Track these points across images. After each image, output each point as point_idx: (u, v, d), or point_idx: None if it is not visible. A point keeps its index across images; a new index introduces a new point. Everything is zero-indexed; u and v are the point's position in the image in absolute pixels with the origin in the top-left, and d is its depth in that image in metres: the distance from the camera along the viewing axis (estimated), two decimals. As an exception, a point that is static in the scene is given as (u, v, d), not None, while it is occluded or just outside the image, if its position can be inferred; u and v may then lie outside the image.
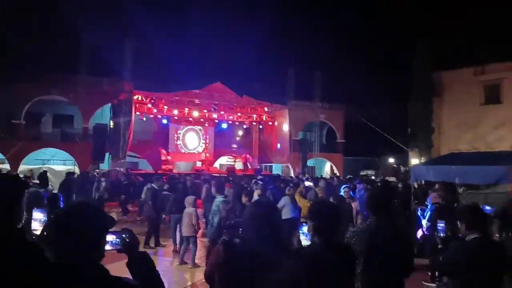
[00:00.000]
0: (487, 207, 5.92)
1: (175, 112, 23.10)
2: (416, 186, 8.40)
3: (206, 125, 25.36)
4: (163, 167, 20.05)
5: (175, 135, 24.64)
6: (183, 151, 24.85)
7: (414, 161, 23.21)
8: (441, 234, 4.91)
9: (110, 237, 1.64)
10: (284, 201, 7.66)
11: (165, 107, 22.62)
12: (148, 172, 18.19)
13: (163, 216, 8.76)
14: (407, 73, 25.82)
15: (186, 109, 23.11)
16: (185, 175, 16.70)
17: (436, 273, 5.40)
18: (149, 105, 22.10)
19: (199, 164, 22.89)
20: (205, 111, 23.76)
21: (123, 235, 1.65)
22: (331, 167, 27.83)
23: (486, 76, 24.66)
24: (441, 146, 25.21)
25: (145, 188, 10.72)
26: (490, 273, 2.78)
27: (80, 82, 19.11)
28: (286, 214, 7.10)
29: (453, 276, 2.93)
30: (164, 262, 7.52)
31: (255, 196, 7.54)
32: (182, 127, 24.87)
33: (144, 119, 22.35)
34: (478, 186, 7.45)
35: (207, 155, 24.05)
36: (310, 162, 25.42)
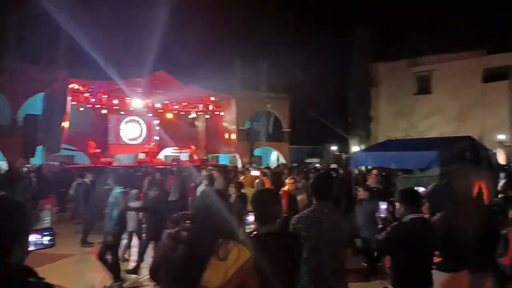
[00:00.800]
0: (421, 189, 6.35)
1: (115, 101, 21.96)
2: (356, 172, 8.78)
3: (150, 115, 24.42)
4: (102, 160, 19.00)
5: (116, 126, 23.47)
6: (124, 142, 23.80)
7: (355, 148, 24.37)
8: (382, 215, 5.18)
9: (33, 237, 1.47)
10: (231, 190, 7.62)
11: (104, 96, 21.39)
12: (85, 166, 17.14)
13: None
14: (347, 64, 26.87)
15: (127, 98, 22.06)
16: (127, 167, 16.00)
17: (375, 253, 5.69)
18: (87, 95, 20.77)
19: (142, 156, 22.04)
20: (148, 100, 22.85)
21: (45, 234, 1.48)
22: (278, 156, 28.33)
23: (418, 67, 26.48)
24: (379, 133, 26.75)
25: (74, 183, 10.02)
26: (425, 249, 2.97)
27: (6, 69, 17.34)
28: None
29: (391, 254, 3.08)
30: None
31: (202, 187, 7.41)
32: (123, 117, 23.75)
33: (81, 109, 20.97)
34: (412, 170, 7.95)
35: (151, 146, 23.21)
36: (257, 152, 25.65)
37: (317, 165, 22.30)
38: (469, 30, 23.16)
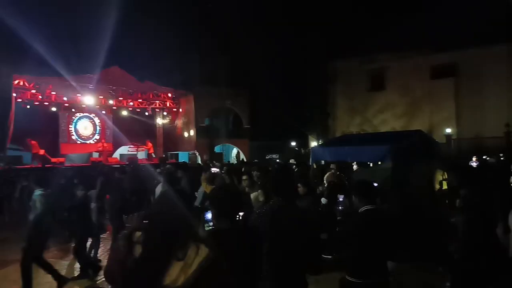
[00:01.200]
0: (375, 183, 6.57)
1: (65, 98, 20.85)
2: (314, 166, 8.93)
3: (103, 112, 23.42)
4: (52, 160, 17.98)
5: (66, 125, 22.28)
6: (76, 141, 22.67)
7: (313, 143, 24.91)
8: (340, 207, 5.29)
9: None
10: (201, 189, 7.50)
11: (53, 93, 20.23)
12: (34, 167, 16.11)
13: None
14: (305, 61, 27.34)
15: (79, 95, 21.01)
16: (80, 167, 15.23)
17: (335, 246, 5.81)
18: (34, 91, 19.54)
19: (96, 155, 21.10)
20: (101, 97, 21.90)
21: None
22: (238, 152, 28.31)
23: (372, 65, 27.52)
24: (336, 129, 27.55)
25: (18, 185, 9.40)
26: (379, 240, 3.05)
27: None
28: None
29: (347, 245, 3.14)
30: (62, 263, 6.75)
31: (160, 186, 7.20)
32: (74, 115, 22.59)
33: (28, 107, 19.69)
34: (367, 163, 8.22)
35: (105, 145, 22.31)
36: (217, 149, 25.47)
37: (278, 160, 22.54)
38: (418, 28, 24.41)
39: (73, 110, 22.28)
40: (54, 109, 21.13)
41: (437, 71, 24.24)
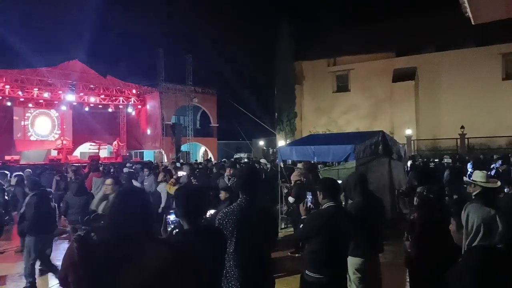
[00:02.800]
0: (339, 181, 6.72)
1: (21, 93, 19.69)
2: (282, 165, 9.00)
3: (64, 108, 22.35)
4: (6, 158, 16.97)
5: (23, 120, 21.06)
6: (33, 138, 21.46)
7: (281, 143, 25.13)
8: (309, 204, 5.36)
9: None
10: (160, 189, 7.35)
11: (7, 86, 19.07)
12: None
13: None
14: (273, 62, 27.54)
15: (36, 89, 19.92)
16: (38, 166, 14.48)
17: (301, 244, 5.89)
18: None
19: (54, 153, 20.14)
20: (60, 92, 20.89)
21: None
22: (206, 151, 28.05)
23: (337, 67, 28.20)
24: (303, 129, 27.97)
25: None
26: (340, 235, 3.12)
27: None
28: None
29: (309, 241, 3.19)
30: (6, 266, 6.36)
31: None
32: (30, 110, 21.36)
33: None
34: (333, 163, 8.40)
35: (65, 142, 21.34)
36: (184, 147, 25.10)
37: (245, 160, 22.56)
38: (381, 33, 25.27)
39: (29, 105, 21.09)
40: (8, 103, 19.92)
41: (399, 74, 25.21)
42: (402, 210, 8.02)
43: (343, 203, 4.67)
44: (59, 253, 5.96)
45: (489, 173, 5.14)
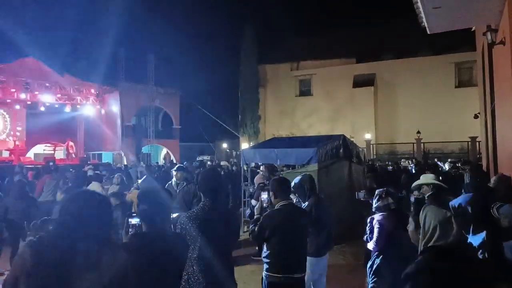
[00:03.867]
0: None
1: (-31, 90, 18.39)
2: (245, 168, 9.01)
3: (17, 107, 21.05)
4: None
5: (-30, 119, 19.67)
6: (-18, 138, 20.10)
7: (244, 145, 25.17)
8: (264, 204, 5.37)
9: None
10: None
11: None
12: None
13: None
14: (237, 65, 27.61)
15: (-15, 87, 18.67)
16: None
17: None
18: None
19: (6, 154, 18.94)
20: (13, 90, 19.66)
21: None
22: (168, 153, 27.50)
23: (300, 71, 28.73)
24: (266, 131, 28.19)
25: None
26: (295, 233, 3.17)
27: None
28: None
29: (265, 241, 3.21)
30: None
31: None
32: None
33: None
34: (295, 166, 8.52)
35: (17, 143, 20.06)
36: (145, 149, 24.45)
37: (208, 162, 22.36)
38: (342, 40, 26.07)
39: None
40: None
41: (359, 80, 26.08)
42: (362, 212, 8.28)
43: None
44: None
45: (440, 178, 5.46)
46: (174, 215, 2.99)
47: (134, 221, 2.71)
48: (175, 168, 6.17)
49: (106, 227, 1.84)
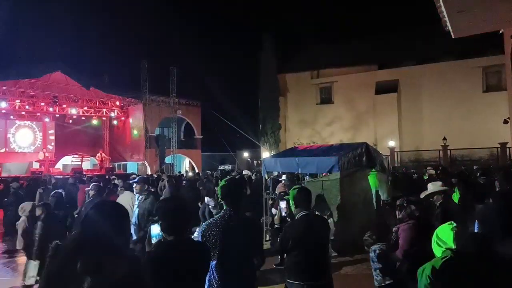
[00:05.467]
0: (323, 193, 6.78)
1: (3, 104, 19.25)
2: (266, 177, 9.00)
3: (47, 120, 21.95)
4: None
5: (4, 132, 20.60)
6: (14, 150, 21.00)
7: (265, 154, 25.15)
8: (283, 214, 5.32)
9: None
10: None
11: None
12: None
13: None
14: (257, 74, 27.76)
15: (18, 101, 19.54)
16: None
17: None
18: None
19: (36, 165, 19.67)
20: (43, 104, 20.54)
21: None
22: (190, 163, 27.83)
23: (320, 79, 28.57)
24: (287, 140, 28.08)
25: None
26: (320, 242, 3.13)
27: None
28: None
29: (288, 252, 3.18)
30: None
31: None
32: (13, 122, 20.95)
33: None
34: (317, 174, 8.43)
35: (47, 154, 20.89)
36: (168, 159, 24.86)
37: (232, 172, 22.45)
38: (363, 47, 25.84)
39: (11, 117, 20.70)
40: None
41: (381, 87, 25.68)
42: (387, 221, 8.08)
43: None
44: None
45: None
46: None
47: (156, 229, 2.75)
48: (135, 180, 5.61)
49: (127, 238, 1.87)
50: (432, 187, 4.02)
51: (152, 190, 5.84)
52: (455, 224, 2.13)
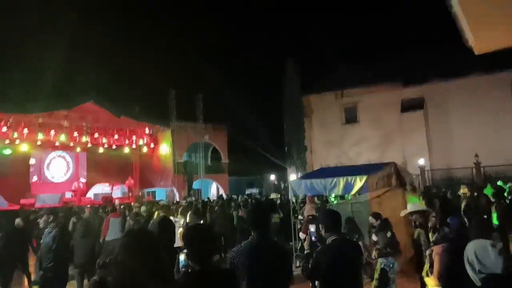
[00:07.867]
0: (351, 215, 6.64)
1: (39, 136, 20.25)
2: (294, 200, 8.92)
3: (78, 150, 22.85)
4: (22, 201, 17.19)
5: (39, 163, 21.56)
6: (49, 181, 21.86)
7: (292, 177, 24.96)
8: (313, 238, 5.23)
9: None
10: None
11: (26, 130, 19.68)
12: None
13: None
14: (281, 96, 28.00)
15: (52, 132, 20.50)
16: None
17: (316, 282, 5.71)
18: (4, 129, 18.92)
19: (69, 195, 20.35)
20: (76, 134, 21.43)
21: None
22: (217, 187, 27.98)
23: (345, 99, 28.43)
24: (314, 162, 27.81)
25: None
26: (351, 268, 3.04)
27: None
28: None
29: (319, 278, 3.11)
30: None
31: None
32: (47, 153, 21.93)
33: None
34: (345, 196, 8.28)
35: (79, 184, 21.56)
36: (196, 184, 25.12)
37: (258, 195, 22.40)
38: (387, 64, 25.67)
39: (45, 148, 21.68)
40: (25, 147, 20.39)
41: (407, 104, 25.24)
42: (420, 242, 7.77)
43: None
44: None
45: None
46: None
47: (183, 257, 2.77)
48: (43, 212, 5.51)
49: (159, 263, 1.90)
50: (411, 206, 3.90)
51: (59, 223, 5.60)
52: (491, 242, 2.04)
